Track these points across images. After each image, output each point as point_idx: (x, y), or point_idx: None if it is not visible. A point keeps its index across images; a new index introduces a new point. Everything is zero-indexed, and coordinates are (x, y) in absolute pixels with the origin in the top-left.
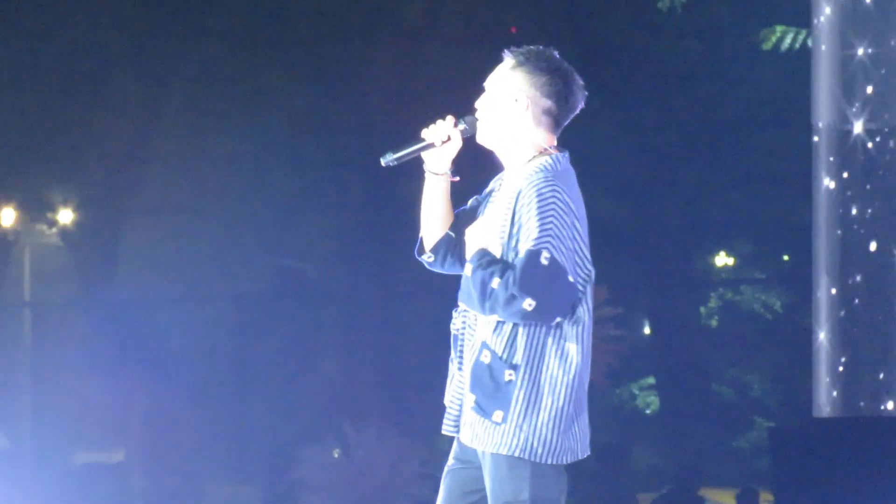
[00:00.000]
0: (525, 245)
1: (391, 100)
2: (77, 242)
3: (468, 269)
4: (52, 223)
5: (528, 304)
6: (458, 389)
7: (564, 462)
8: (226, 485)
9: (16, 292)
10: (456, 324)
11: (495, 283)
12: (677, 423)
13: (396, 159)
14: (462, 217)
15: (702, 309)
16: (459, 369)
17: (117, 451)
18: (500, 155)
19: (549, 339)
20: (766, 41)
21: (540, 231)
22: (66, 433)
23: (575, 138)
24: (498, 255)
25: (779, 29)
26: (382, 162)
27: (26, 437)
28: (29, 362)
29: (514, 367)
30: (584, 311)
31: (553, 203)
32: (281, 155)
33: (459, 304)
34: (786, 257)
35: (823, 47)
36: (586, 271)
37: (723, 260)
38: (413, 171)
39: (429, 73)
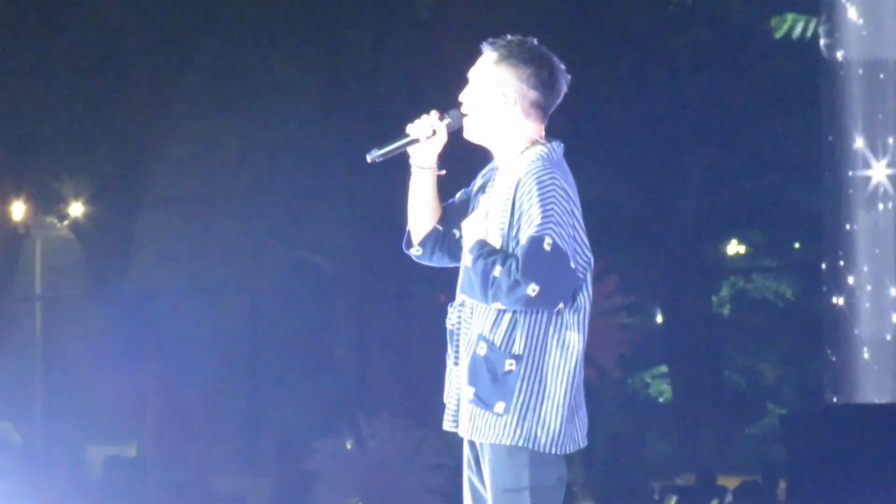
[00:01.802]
0: (527, 231)
1: (404, 93)
2: (88, 236)
3: (468, 260)
4: (64, 216)
5: (532, 289)
6: (455, 385)
7: (567, 451)
8: (239, 476)
9: (27, 285)
10: (451, 319)
11: (497, 270)
12: (690, 411)
13: (382, 155)
14: (450, 210)
15: (714, 297)
16: (456, 364)
17: (130, 444)
18: (492, 149)
19: (551, 328)
20: (778, 30)
21: (542, 217)
22: (77, 427)
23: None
24: (498, 246)
25: (790, 17)
26: (368, 158)
27: (38, 432)
28: (40, 356)
29: (516, 358)
30: (585, 299)
31: (553, 190)
32: (294, 148)
33: (456, 299)
34: (797, 245)
35: None
36: (585, 258)
37: (734, 248)
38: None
39: (441, 66)
